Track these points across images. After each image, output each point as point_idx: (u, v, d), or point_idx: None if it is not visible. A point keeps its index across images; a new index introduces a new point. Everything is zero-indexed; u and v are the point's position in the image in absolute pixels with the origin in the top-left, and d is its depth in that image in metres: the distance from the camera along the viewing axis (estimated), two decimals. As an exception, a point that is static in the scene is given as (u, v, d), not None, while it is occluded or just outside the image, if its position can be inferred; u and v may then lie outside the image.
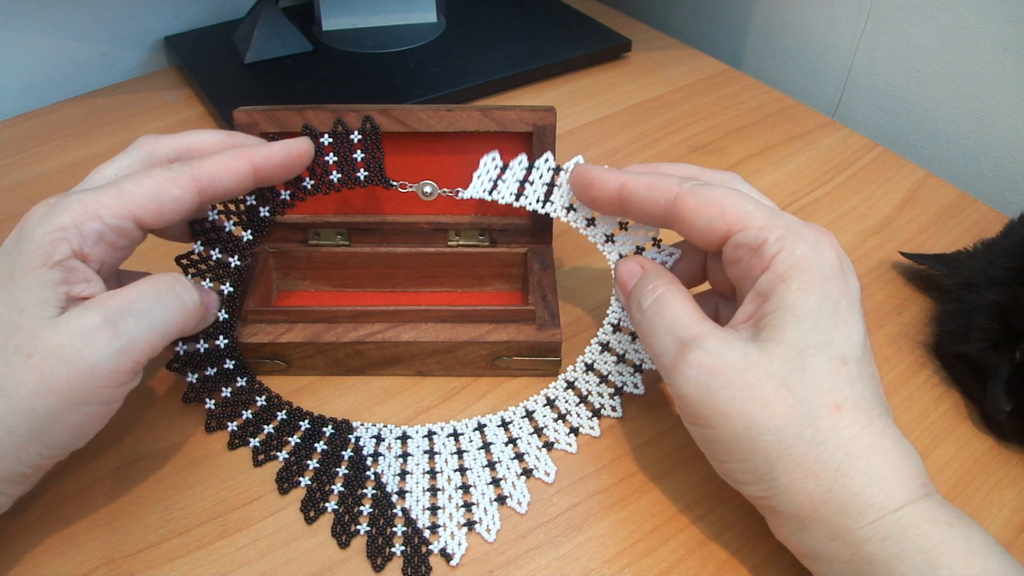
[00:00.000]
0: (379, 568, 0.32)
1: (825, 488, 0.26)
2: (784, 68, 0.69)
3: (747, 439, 0.27)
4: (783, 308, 0.28)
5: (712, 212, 0.30)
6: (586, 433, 0.37)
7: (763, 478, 0.27)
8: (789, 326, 0.28)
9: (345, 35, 0.66)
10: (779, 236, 0.29)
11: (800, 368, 0.27)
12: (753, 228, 0.29)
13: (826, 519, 0.27)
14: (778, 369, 0.27)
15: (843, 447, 0.27)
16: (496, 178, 0.38)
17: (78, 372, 0.27)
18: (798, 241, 0.29)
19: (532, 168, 0.38)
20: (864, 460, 0.26)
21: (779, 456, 0.27)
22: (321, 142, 0.38)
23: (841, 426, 0.27)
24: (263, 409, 0.37)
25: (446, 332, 0.38)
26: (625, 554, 0.32)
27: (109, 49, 0.65)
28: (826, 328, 0.28)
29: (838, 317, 0.28)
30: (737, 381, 0.27)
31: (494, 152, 0.38)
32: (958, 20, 0.55)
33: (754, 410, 0.27)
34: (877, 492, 0.26)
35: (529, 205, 0.38)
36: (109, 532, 0.33)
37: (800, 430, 0.27)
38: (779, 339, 0.28)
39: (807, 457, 0.27)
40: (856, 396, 0.27)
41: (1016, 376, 0.35)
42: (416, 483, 0.35)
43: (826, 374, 0.27)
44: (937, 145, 0.60)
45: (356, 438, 0.36)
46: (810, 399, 0.27)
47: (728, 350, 0.28)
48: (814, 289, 0.28)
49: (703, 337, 0.29)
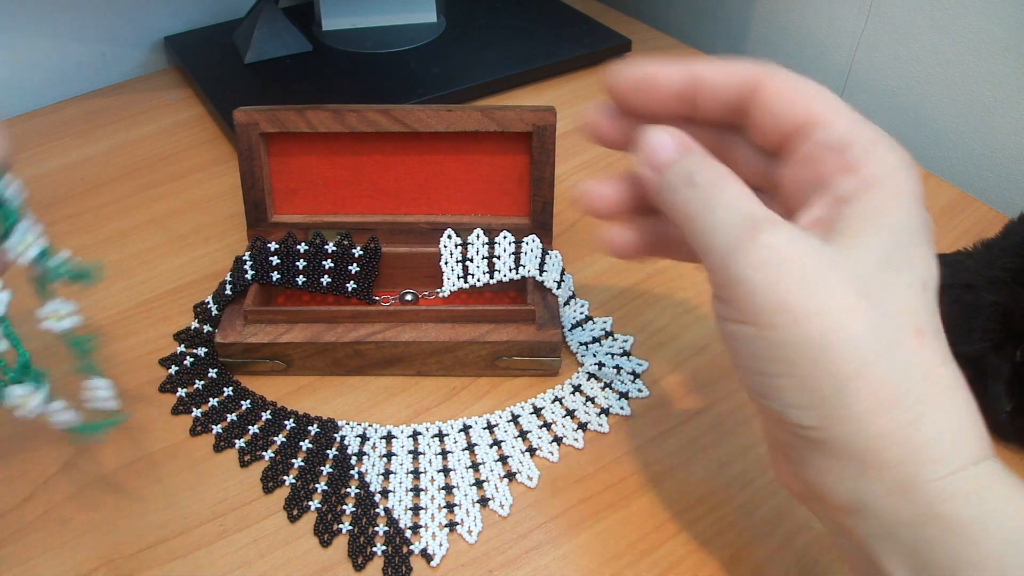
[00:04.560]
0: (360, 567, 0.32)
1: (902, 424, 0.22)
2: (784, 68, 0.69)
3: (817, 347, 0.22)
4: (869, 215, 0.24)
5: (797, 97, 0.27)
6: (569, 444, 0.37)
7: (825, 401, 0.23)
8: (874, 234, 0.24)
9: (345, 35, 0.66)
10: (870, 140, 0.25)
11: (884, 281, 0.23)
12: (841, 125, 0.26)
13: (893, 464, 0.22)
14: (859, 276, 0.23)
15: (926, 378, 0.23)
16: (463, 259, 0.40)
17: None
18: (889, 151, 0.25)
19: (494, 243, 0.40)
20: (947, 398, 0.23)
21: (853, 375, 0.22)
22: (325, 248, 0.40)
23: (924, 354, 0.23)
24: (247, 411, 0.37)
25: (446, 332, 0.38)
26: (625, 554, 0.32)
27: (109, 49, 0.65)
28: (911, 246, 0.24)
29: (921, 240, 0.25)
30: (815, 276, 0.23)
31: (447, 231, 0.41)
32: (958, 20, 0.55)
33: (832, 313, 0.22)
34: (957, 438, 0.23)
35: (505, 276, 0.40)
36: (109, 532, 0.33)
37: (881, 348, 0.22)
38: (863, 244, 0.24)
39: (886, 382, 0.22)
40: (936, 326, 0.24)
41: (1016, 376, 0.35)
42: (399, 483, 0.35)
43: (909, 295, 0.24)
44: (937, 145, 0.60)
45: (341, 437, 0.36)
46: (893, 316, 0.23)
47: (807, 242, 0.24)
48: (903, 204, 0.25)
49: (777, 219, 0.24)
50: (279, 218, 0.42)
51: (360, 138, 0.41)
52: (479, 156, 0.41)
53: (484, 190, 0.42)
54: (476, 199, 0.42)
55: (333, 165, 0.41)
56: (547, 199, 0.41)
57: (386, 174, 0.42)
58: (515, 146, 0.41)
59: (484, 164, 0.41)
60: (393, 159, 0.41)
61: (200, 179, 0.54)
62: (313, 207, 0.42)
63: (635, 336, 0.42)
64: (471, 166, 0.41)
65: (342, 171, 0.42)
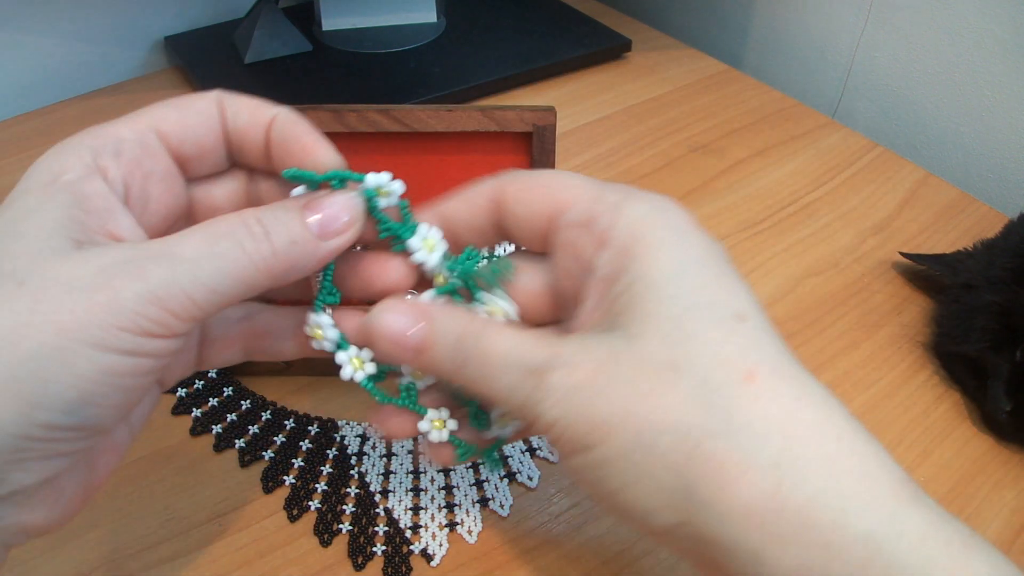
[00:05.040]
0: (360, 567, 0.32)
1: (770, 490, 0.19)
2: (784, 68, 0.69)
3: (640, 448, 0.20)
4: (635, 281, 0.22)
5: (533, 195, 0.25)
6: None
7: (674, 497, 0.20)
8: (651, 297, 0.21)
9: (345, 35, 0.66)
10: (613, 202, 0.23)
11: (684, 339, 0.21)
12: (582, 202, 0.23)
13: (786, 537, 0.19)
14: (656, 351, 0.21)
15: (776, 431, 0.19)
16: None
17: (89, 304, 0.20)
18: (636, 205, 0.23)
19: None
20: (814, 447, 0.19)
21: (687, 460, 0.20)
22: None
23: (764, 401, 0.20)
24: (247, 411, 0.37)
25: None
26: (625, 554, 0.32)
27: (109, 49, 0.65)
28: (700, 285, 0.21)
29: (711, 271, 0.22)
30: (611, 383, 0.21)
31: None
32: (958, 20, 0.55)
33: (639, 408, 0.20)
34: (849, 492, 0.19)
35: None
36: (109, 532, 0.33)
37: (708, 419, 0.20)
38: (644, 316, 0.21)
39: (727, 453, 0.19)
40: (773, 359, 0.21)
41: (1016, 376, 0.35)
42: (399, 483, 0.35)
43: (721, 338, 0.21)
44: (937, 145, 0.60)
45: (341, 437, 0.36)
46: (710, 375, 0.20)
47: (589, 352, 0.22)
48: (668, 248, 0.22)
49: (555, 353, 0.22)
50: (279, 218, 0.42)
51: (360, 138, 0.41)
52: (479, 156, 0.41)
53: (484, 190, 0.42)
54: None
55: (333, 165, 0.41)
56: (547, 199, 0.41)
57: (386, 174, 0.42)
58: (515, 146, 0.41)
59: (484, 164, 0.41)
60: (393, 159, 0.41)
61: (200, 179, 0.54)
62: (313, 207, 0.42)
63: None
64: (471, 166, 0.41)
65: (342, 171, 0.42)
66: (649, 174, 0.54)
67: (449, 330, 0.24)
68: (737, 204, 0.52)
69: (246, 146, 0.26)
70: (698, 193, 0.52)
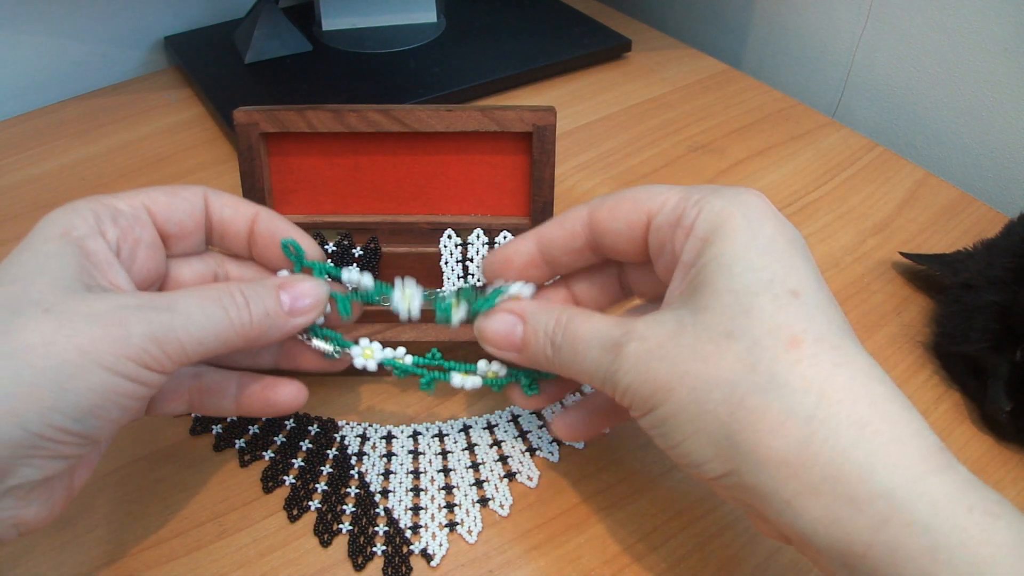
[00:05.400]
0: (360, 567, 0.32)
1: (800, 444, 0.21)
2: (784, 68, 0.69)
3: (693, 404, 0.23)
4: (709, 262, 0.25)
5: (626, 208, 0.28)
6: (569, 444, 0.37)
7: (721, 448, 0.23)
8: (720, 275, 0.24)
9: (345, 35, 0.66)
10: (696, 200, 0.26)
11: (743, 312, 0.23)
12: (670, 204, 0.27)
13: (814, 486, 0.21)
14: (718, 321, 0.24)
15: (814, 388, 0.22)
16: (463, 259, 0.40)
17: (104, 333, 0.24)
18: (717, 199, 0.26)
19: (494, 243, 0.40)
20: (848, 406, 0.21)
21: (732, 413, 0.22)
22: (325, 248, 0.40)
23: (805, 364, 0.22)
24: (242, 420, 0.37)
25: (446, 332, 0.38)
26: (625, 554, 0.32)
27: (109, 49, 0.65)
28: (763, 265, 0.24)
29: (776, 252, 0.24)
30: (675, 348, 0.24)
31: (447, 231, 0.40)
32: (958, 20, 0.55)
33: (695, 368, 0.23)
34: (879, 450, 0.21)
35: None
36: (109, 532, 0.33)
37: (753, 377, 0.22)
38: (712, 292, 0.24)
39: (767, 407, 0.22)
40: (820, 328, 0.23)
41: (1016, 376, 0.35)
42: (399, 483, 0.35)
43: (775, 310, 0.23)
44: (937, 145, 0.60)
45: (341, 437, 0.36)
46: (760, 340, 0.23)
47: (658, 325, 0.25)
48: (740, 233, 0.25)
49: (630, 329, 0.26)
50: (279, 218, 0.42)
51: (360, 138, 0.41)
52: (479, 156, 0.41)
53: (484, 190, 0.42)
54: (476, 199, 0.42)
55: (333, 165, 0.41)
56: (547, 199, 0.41)
57: (386, 174, 0.42)
58: (515, 146, 0.41)
59: (484, 164, 0.41)
60: (393, 159, 0.41)
61: (200, 179, 0.54)
62: (313, 207, 0.42)
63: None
64: (471, 166, 0.41)
65: (342, 171, 0.42)
66: (649, 174, 0.54)
67: (540, 322, 0.29)
68: (737, 204, 0.52)
69: (228, 234, 0.32)
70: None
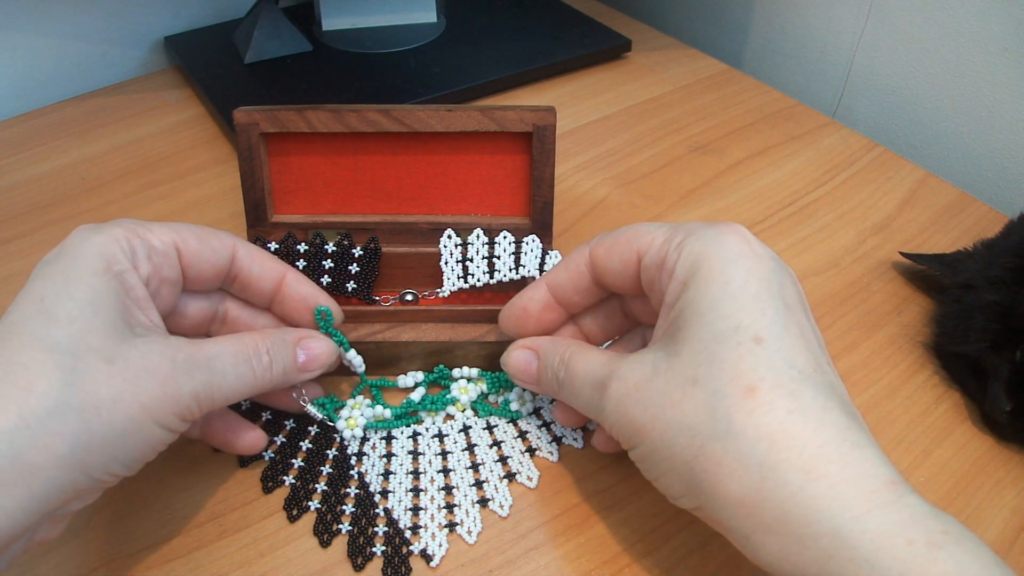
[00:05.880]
0: (359, 568, 0.32)
1: (753, 488, 0.23)
2: (784, 68, 0.69)
3: (664, 447, 0.26)
4: (684, 309, 0.27)
5: (620, 248, 0.30)
6: (569, 443, 0.37)
7: (689, 487, 0.26)
8: (692, 322, 0.26)
9: (345, 35, 0.66)
10: (678, 243, 0.28)
11: (707, 360, 0.25)
12: (655, 245, 0.29)
13: (768, 526, 0.23)
14: (686, 367, 0.26)
15: (765, 437, 0.23)
16: (463, 259, 0.40)
17: (162, 393, 0.27)
18: (695, 241, 0.28)
19: (494, 243, 0.40)
20: (796, 452, 0.23)
21: (695, 458, 0.25)
22: (325, 248, 0.40)
23: (759, 412, 0.24)
24: (247, 411, 0.37)
25: (446, 332, 0.38)
26: (625, 554, 0.32)
27: (109, 49, 0.65)
28: (731, 312, 0.26)
29: (746, 298, 0.26)
30: (648, 392, 0.27)
31: (447, 231, 0.40)
32: (958, 20, 0.55)
33: (666, 415, 0.26)
34: (824, 493, 0.22)
35: (505, 277, 0.39)
36: (109, 532, 0.33)
37: (712, 425, 0.24)
38: (684, 338, 0.26)
39: (723, 454, 0.24)
40: (778, 375, 0.24)
41: (1016, 376, 0.35)
42: (399, 483, 0.35)
43: (736, 358, 0.25)
44: (937, 145, 0.60)
45: (341, 437, 0.36)
46: (719, 389, 0.25)
47: (638, 367, 0.27)
48: (714, 278, 0.26)
49: (614, 369, 0.28)
50: (279, 218, 0.42)
51: (360, 138, 0.41)
52: (479, 156, 0.41)
53: (484, 190, 0.42)
54: (476, 199, 0.42)
55: (333, 165, 0.41)
56: (547, 199, 0.41)
57: (386, 174, 0.42)
58: (515, 146, 0.41)
59: (484, 164, 0.41)
60: (393, 159, 0.41)
61: (200, 179, 0.54)
62: (313, 207, 0.42)
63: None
64: (471, 166, 0.41)
65: (342, 171, 0.42)
66: (649, 174, 0.54)
67: (549, 359, 0.32)
68: (737, 204, 0.52)
69: (251, 289, 0.34)
70: (698, 193, 0.52)
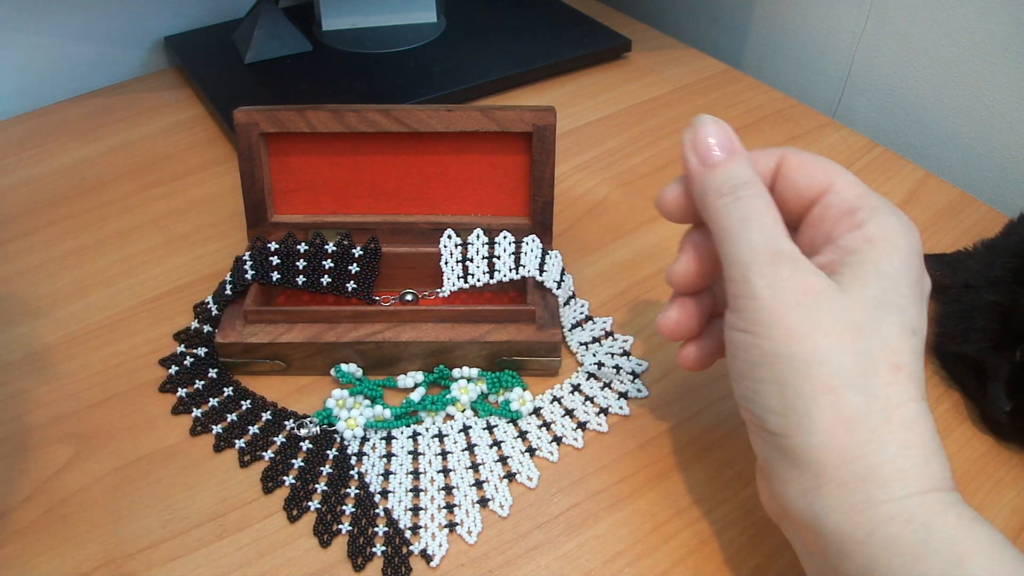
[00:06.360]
0: (359, 568, 0.32)
1: (858, 443, 0.25)
2: (784, 68, 0.69)
3: (800, 361, 0.26)
4: (868, 263, 0.27)
5: (815, 171, 0.30)
6: (569, 443, 0.37)
7: (795, 411, 0.26)
8: (873, 279, 0.27)
9: (345, 35, 0.66)
10: (874, 206, 0.29)
11: (875, 319, 0.26)
12: (850, 193, 0.29)
13: (847, 481, 0.25)
14: (855, 310, 0.26)
15: (889, 409, 0.25)
16: (463, 259, 0.40)
17: None
18: (891, 214, 0.28)
19: (494, 243, 0.40)
20: (904, 431, 0.25)
21: (824, 392, 0.25)
22: (325, 248, 0.40)
23: (894, 388, 0.26)
24: (247, 411, 0.37)
25: (446, 332, 0.38)
26: (625, 554, 0.32)
27: (109, 49, 0.65)
28: (905, 293, 0.27)
29: (916, 292, 0.28)
30: (815, 305, 0.26)
31: (447, 231, 0.41)
32: (958, 20, 0.55)
33: (820, 336, 0.26)
34: (908, 467, 0.25)
35: (505, 277, 0.40)
36: (109, 532, 0.33)
37: (855, 376, 0.25)
38: (860, 287, 0.27)
39: (851, 405, 0.25)
40: (915, 367, 0.27)
41: (1016, 376, 0.35)
42: (399, 483, 0.35)
43: (896, 334, 0.26)
44: (937, 145, 0.60)
45: (341, 437, 0.36)
46: (875, 350, 0.26)
47: (817, 278, 0.27)
48: (901, 257, 0.27)
49: (797, 255, 0.28)
50: (279, 218, 0.42)
51: (360, 138, 0.41)
52: (479, 156, 0.41)
53: (484, 190, 0.42)
54: (476, 199, 0.42)
55: (333, 165, 0.41)
56: (547, 199, 0.41)
57: (386, 174, 0.42)
58: (515, 146, 0.41)
59: (484, 164, 0.41)
60: (393, 159, 0.41)
61: (200, 179, 0.54)
62: (313, 207, 0.42)
63: (635, 336, 0.42)
64: (471, 166, 0.41)
65: (342, 171, 0.42)
66: (649, 174, 0.54)
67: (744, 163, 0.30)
68: (737, 204, 0.51)
69: None
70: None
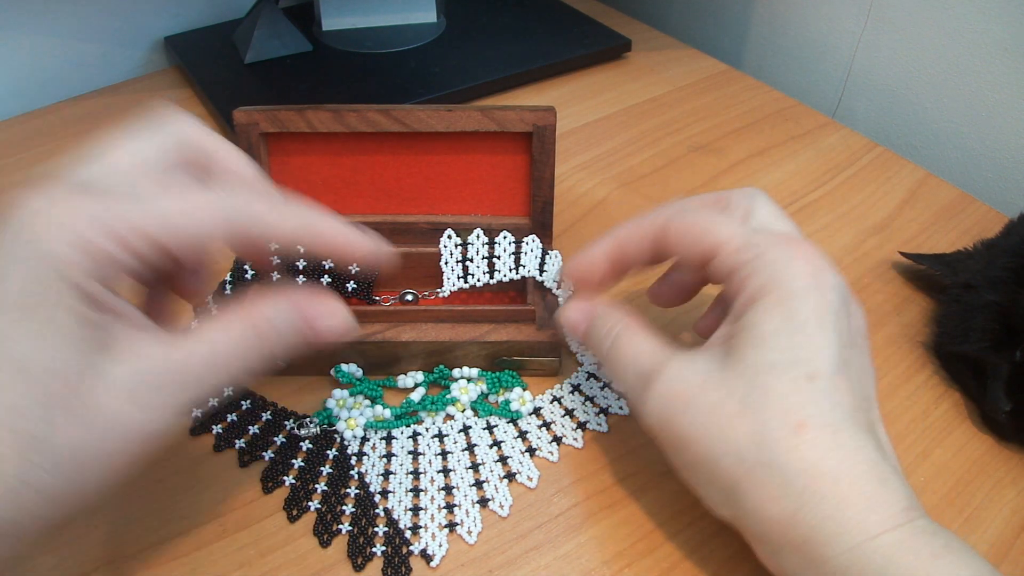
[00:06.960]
0: (359, 568, 0.32)
1: (790, 513, 0.26)
2: (784, 68, 0.69)
3: (708, 462, 0.27)
4: (746, 329, 0.28)
5: (692, 238, 0.31)
6: (569, 443, 0.37)
7: (728, 501, 0.27)
8: (750, 346, 0.27)
9: (345, 35, 0.66)
10: (750, 259, 0.29)
11: (760, 387, 0.27)
12: (728, 253, 0.29)
13: (797, 545, 0.26)
14: (737, 389, 0.27)
15: (807, 470, 0.26)
16: (463, 259, 0.40)
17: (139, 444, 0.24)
18: (767, 263, 0.28)
19: (494, 243, 0.40)
20: (831, 484, 0.25)
21: (739, 479, 0.26)
22: None
23: (805, 447, 0.26)
24: (247, 411, 0.37)
25: (446, 332, 0.38)
26: (625, 554, 0.32)
27: (109, 49, 0.65)
28: (789, 346, 0.27)
29: (806, 334, 0.27)
30: (696, 403, 0.28)
31: (447, 231, 0.41)
32: (958, 20, 0.55)
33: (713, 433, 0.27)
34: (848, 519, 0.25)
35: (505, 277, 0.40)
36: (109, 532, 0.33)
37: (759, 453, 0.26)
38: (740, 358, 0.27)
39: (768, 481, 0.26)
40: (825, 414, 0.26)
41: (1016, 376, 0.35)
42: (399, 483, 0.35)
43: (789, 392, 0.27)
44: (937, 145, 0.60)
45: (341, 437, 0.36)
46: (770, 419, 0.26)
47: (688, 373, 0.28)
48: (779, 308, 0.27)
49: (662, 367, 0.29)
50: (279, 218, 0.42)
51: (360, 138, 0.41)
52: (479, 156, 0.41)
53: (484, 190, 0.42)
54: (476, 199, 0.42)
55: (333, 165, 0.41)
56: (547, 199, 0.41)
57: (386, 174, 0.42)
58: (515, 146, 0.41)
59: (484, 164, 0.41)
60: (393, 159, 0.41)
61: (200, 179, 0.54)
62: (313, 207, 0.42)
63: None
64: (471, 166, 0.41)
65: (342, 171, 0.42)
66: (649, 174, 0.54)
67: (600, 326, 0.33)
68: (737, 204, 0.52)
69: None
70: (698, 193, 0.52)
